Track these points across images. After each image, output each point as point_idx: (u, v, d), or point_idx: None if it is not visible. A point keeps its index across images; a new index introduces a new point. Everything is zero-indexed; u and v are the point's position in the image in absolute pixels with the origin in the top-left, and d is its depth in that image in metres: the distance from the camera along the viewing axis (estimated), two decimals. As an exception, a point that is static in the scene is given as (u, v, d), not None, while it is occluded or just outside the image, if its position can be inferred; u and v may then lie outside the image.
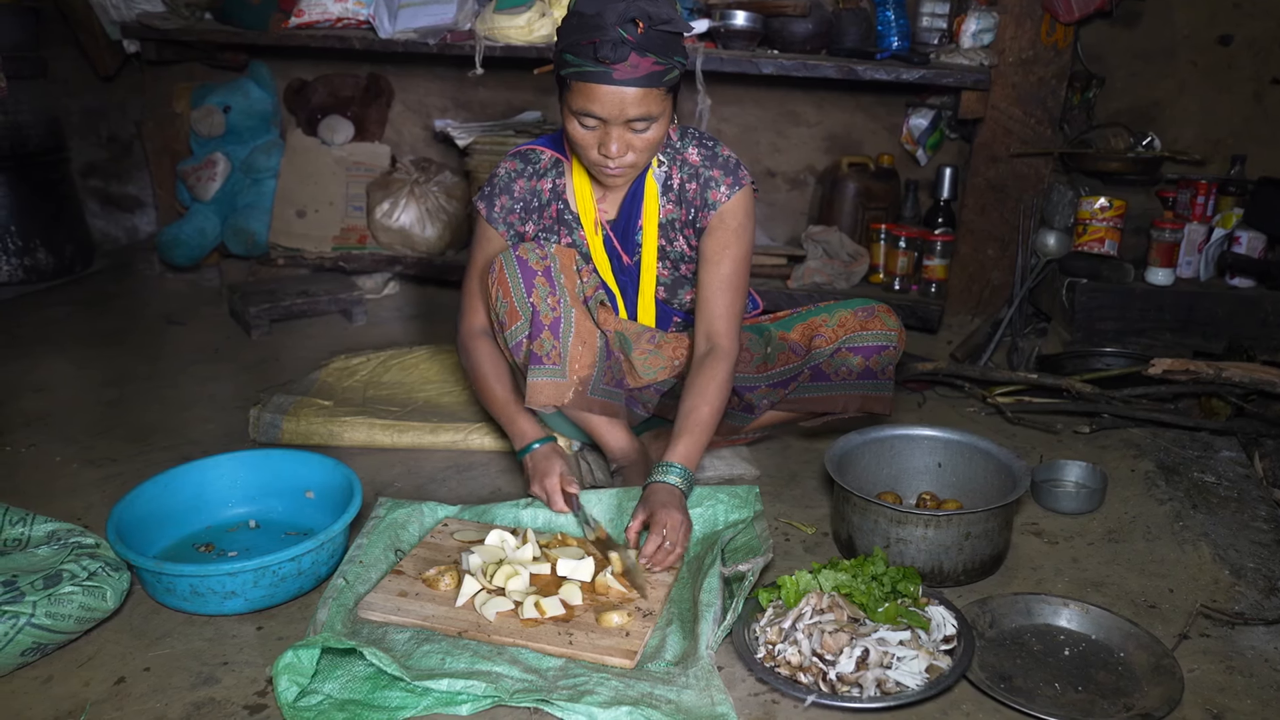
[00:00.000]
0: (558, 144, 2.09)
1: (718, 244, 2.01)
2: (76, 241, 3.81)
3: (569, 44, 1.78)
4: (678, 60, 1.82)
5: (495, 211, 2.07)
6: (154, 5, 3.59)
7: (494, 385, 2.08)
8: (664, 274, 2.14)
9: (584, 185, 2.06)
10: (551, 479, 1.96)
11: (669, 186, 2.05)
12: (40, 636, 1.52)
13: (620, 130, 1.82)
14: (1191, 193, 3.19)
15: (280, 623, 1.69)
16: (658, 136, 1.86)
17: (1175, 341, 2.96)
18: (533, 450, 2.03)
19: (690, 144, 2.04)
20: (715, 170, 2.01)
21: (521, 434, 2.05)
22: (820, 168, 3.74)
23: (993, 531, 1.83)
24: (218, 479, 1.98)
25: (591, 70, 1.75)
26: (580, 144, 1.87)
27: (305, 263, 3.63)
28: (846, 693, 1.50)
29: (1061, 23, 3.07)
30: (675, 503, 1.84)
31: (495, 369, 2.09)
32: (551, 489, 1.96)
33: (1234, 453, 2.41)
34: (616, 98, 1.77)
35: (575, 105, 1.82)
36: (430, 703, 1.46)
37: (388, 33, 3.27)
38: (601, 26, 1.73)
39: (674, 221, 2.07)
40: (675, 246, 2.10)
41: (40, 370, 2.85)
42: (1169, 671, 1.56)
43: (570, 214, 2.09)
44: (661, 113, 1.83)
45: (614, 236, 2.09)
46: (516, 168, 2.09)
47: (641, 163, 1.90)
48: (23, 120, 3.56)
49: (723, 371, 1.98)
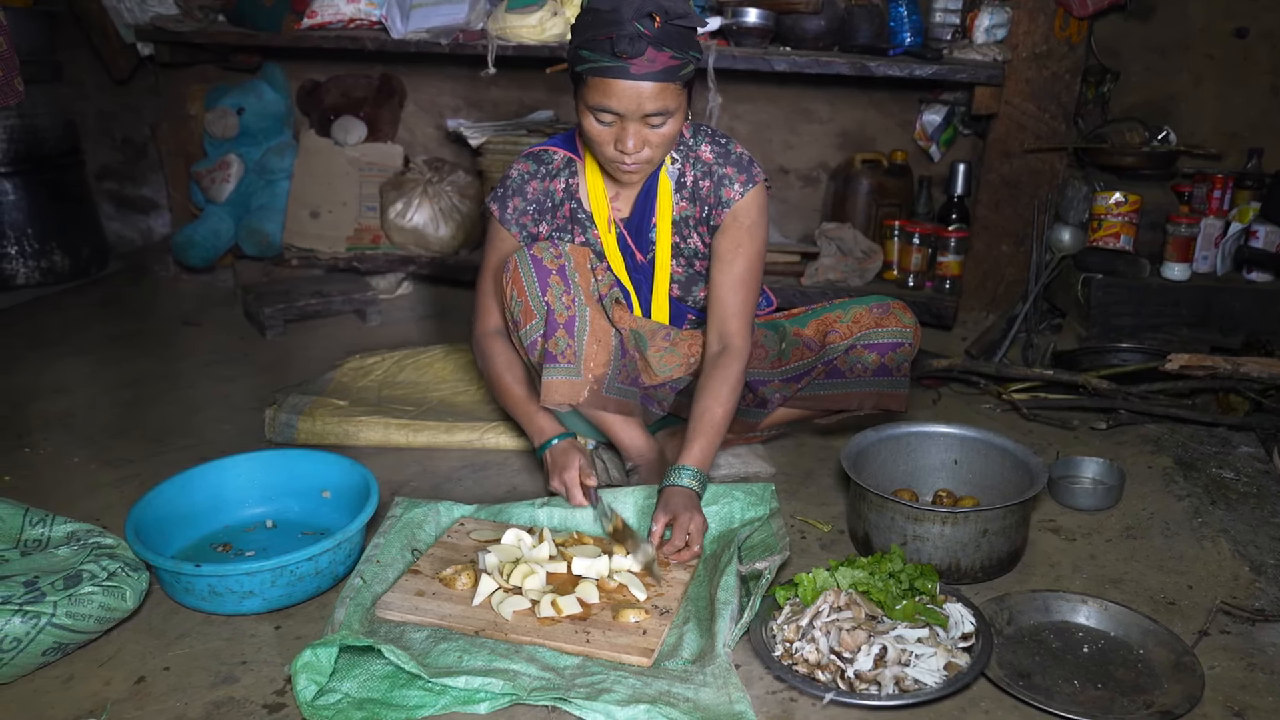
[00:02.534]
0: (570, 144, 2.09)
1: (731, 242, 2.02)
2: (92, 244, 3.83)
3: (585, 40, 1.78)
4: (693, 55, 1.83)
5: (508, 213, 2.08)
6: (168, 8, 3.61)
7: (511, 384, 2.09)
8: (678, 271, 2.14)
9: (597, 184, 2.06)
10: (570, 472, 1.97)
11: (682, 184, 2.05)
12: (61, 636, 1.52)
13: (637, 125, 1.83)
14: (1208, 187, 3.17)
15: (298, 622, 1.69)
16: (673, 131, 1.87)
17: (1192, 337, 2.94)
18: (552, 446, 2.03)
19: (703, 141, 2.04)
20: (729, 168, 2.01)
21: (540, 431, 2.06)
22: (833, 164, 3.73)
23: (1010, 528, 1.82)
24: (235, 479, 1.99)
25: (608, 65, 1.76)
26: (596, 140, 1.87)
27: (319, 263, 3.64)
28: (864, 690, 1.49)
29: (1075, 17, 3.06)
30: (693, 505, 1.86)
31: (511, 368, 2.09)
32: (570, 482, 1.97)
33: (1252, 448, 2.39)
34: (633, 92, 1.78)
35: (591, 101, 1.82)
36: (448, 701, 1.47)
37: (400, 33, 3.27)
38: (619, 21, 1.74)
39: (688, 219, 2.07)
40: (689, 244, 2.10)
41: (58, 371, 2.87)
42: (1189, 668, 1.56)
43: (584, 213, 2.09)
44: (677, 107, 1.84)
45: (628, 234, 2.09)
46: (529, 169, 2.09)
47: (657, 158, 1.90)
48: (39, 123, 3.59)
49: (735, 371, 1.98)
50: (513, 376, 2.09)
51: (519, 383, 2.09)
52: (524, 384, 2.09)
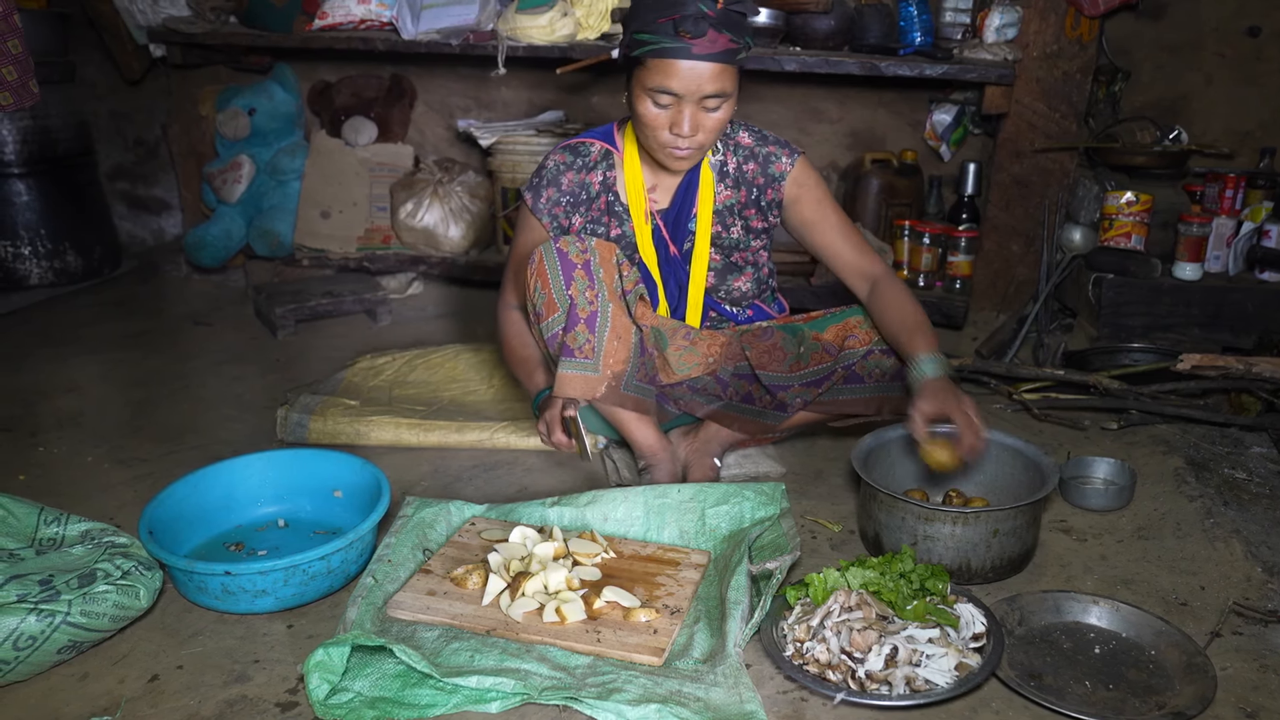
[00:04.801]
0: (607, 136, 2.13)
1: (811, 202, 2.10)
2: (104, 244, 3.86)
3: (645, 23, 1.83)
4: (748, 40, 1.88)
5: (541, 203, 2.10)
6: (179, 9, 3.63)
7: (518, 346, 2.15)
8: (715, 260, 2.16)
9: (635, 176, 2.09)
10: (551, 410, 1.95)
11: (725, 172, 2.11)
12: (76, 634, 1.53)
13: (693, 108, 1.87)
14: (1219, 186, 3.16)
15: (310, 621, 1.70)
16: (726, 117, 1.92)
17: (1204, 337, 2.93)
18: (544, 395, 2.06)
19: (740, 130, 2.12)
20: (770, 146, 2.10)
21: (536, 385, 2.12)
22: (843, 164, 3.73)
23: (1021, 528, 1.82)
24: (247, 479, 2.00)
25: (670, 46, 1.81)
26: (650, 125, 1.91)
27: (330, 263, 3.65)
28: (875, 690, 1.49)
29: (1086, 16, 3.05)
30: (955, 390, 1.88)
31: (522, 335, 2.15)
32: (551, 419, 1.95)
33: (1265, 448, 2.39)
34: (695, 73, 1.83)
35: (651, 83, 1.86)
36: (459, 700, 1.47)
37: (410, 34, 3.28)
38: (682, 3, 1.80)
39: (732, 207, 2.12)
40: (731, 234, 2.13)
41: (71, 371, 2.88)
42: (1201, 669, 1.55)
43: (620, 205, 2.11)
44: (733, 91, 1.89)
45: (664, 226, 2.12)
46: (566, 160, 2.11)
47: (708, 144, 1.95)
48: (52, 124, 3.61)
49: (897, 286, 2.07)
50: (521, 341, 2.14)
51: (526, 346, 2.14)
52: (532, 347, 2.14)
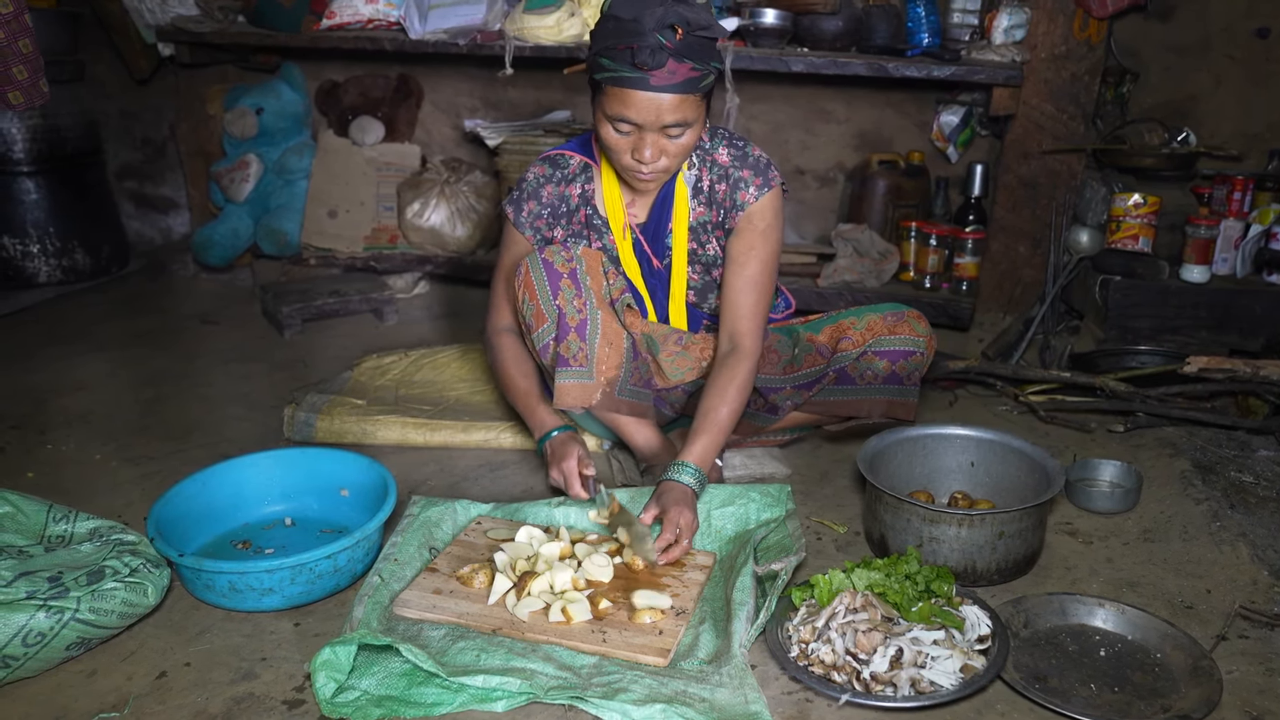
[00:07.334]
0: (587, 148, 2.09)
1: (744, 245, 2.01)
2: (113, 242, 3.87)
3: (604, 48, 1.76)
4: (714, 65, 1.81)
5: (523, 217, 2.08)
6: (188, 9, 3.64)
7: (516, 378, 2.09)
8: (694, 278, 2.13)
9: (613, 189, 2.05)
10: (569, 462, 1.95)
11: (699, 189, 2.04)
12: (84, 631, 1.54)
13: (655, 136, 1.81)
14: (1227, 188, 3.15)
15: (317, 619, 1.71)
16: (691, 141, 1.85)
17: (1211, 339, 2.92)
18: (552, 437, 2.02)
19: (720, 144, 2.03)
20: (745, 170, 2.00)
21: (541, 424, 2.05)
22: (850, 165, 3.72)
23: (1026, 531, 1.82)
24: (254, 477, 2.01)
25: (628, 76, 1.74)
26: (613, 148, 1.86)
27: (337, 263, 3.66)
28: (880, 692, 1.50)
29: (1095, 17, 3.05)
30: (687, 501, 1.84)
31: (518, 363, 2.09)
32: (569, 472, 1.94)
33: (1272, 451, 2.38)
34: (653, 104, 1.76)
35: (610, 110, 1.80)
36: (465, 699, 1.48)
37: (418, 33, 3.29)
38: (640, 32, 1.71)
39: (705, 224, 2.06)
40: (707, 250, 2.09)
41: (79, 369, 2.89)
42: (1207, 673, 1.55)
43: (599, 219, 2.09)
44: (696, 118, 1.82)
45: (643, 240, 2.09)
46: (545, 173, 2.09)
47: (674, 167, 1.89)
48: (61, 123, 3.62)
49: (744, 372, 1.97)
50: (519, 371, 2.09)
51: (525, 376, 2.08)
52: (530, 378, 2.09)
